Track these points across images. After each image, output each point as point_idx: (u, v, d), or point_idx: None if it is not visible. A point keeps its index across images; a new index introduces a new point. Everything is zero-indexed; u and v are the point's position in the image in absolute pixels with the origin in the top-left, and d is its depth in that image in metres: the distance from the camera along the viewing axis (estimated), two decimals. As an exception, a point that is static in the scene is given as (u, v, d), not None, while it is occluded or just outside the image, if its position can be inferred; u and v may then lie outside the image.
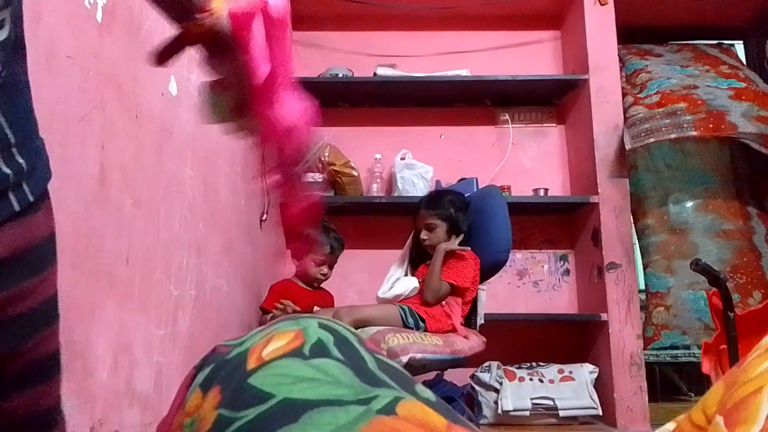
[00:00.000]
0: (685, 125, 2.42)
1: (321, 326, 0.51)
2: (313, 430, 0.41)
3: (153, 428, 1.14)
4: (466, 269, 1.87)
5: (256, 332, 0.51)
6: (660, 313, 2.73)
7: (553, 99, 2.86)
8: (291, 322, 0.51)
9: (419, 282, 1.94)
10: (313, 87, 2.73)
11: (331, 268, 2.18)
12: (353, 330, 0.54)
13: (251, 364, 0.46)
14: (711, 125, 2.39)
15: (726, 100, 2.44)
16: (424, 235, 1.95)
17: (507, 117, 2.84)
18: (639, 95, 2.63)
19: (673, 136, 2.42)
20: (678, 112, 2.43)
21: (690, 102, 2.44)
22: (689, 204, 2.86)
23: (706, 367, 1.37)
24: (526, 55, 2.91)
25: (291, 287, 2.15)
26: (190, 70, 1.43)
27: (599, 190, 2.48)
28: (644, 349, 2.63)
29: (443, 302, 1.86)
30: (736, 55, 3.03)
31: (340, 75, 2.69)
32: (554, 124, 2.88)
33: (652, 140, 2.38)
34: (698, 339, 2.63)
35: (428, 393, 0.49)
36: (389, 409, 0.43)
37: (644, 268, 2.86)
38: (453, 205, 1.96)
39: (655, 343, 2.71)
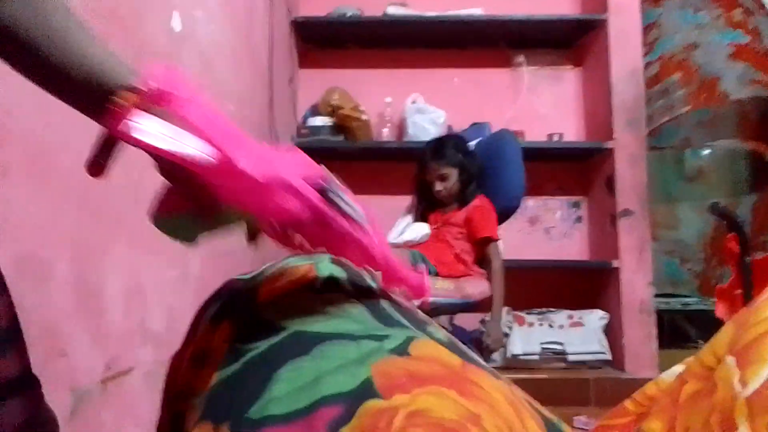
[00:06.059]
0: (676, 104, 2.51)
1: (334, 262, 0.49)
2: (324, 362, 0.40)
3: (166, 366, 1.16)
4: (494, 219, 1.87)
5: (268, 266, 0.50)
6: None
7: (570, 41, 2.75)
8: (304, 257, 0.50)
9: (431, 228, 1.93)
10: (320, 27, 2.66)
11: None
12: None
13: (262, 297, 0.45)
14: (703, 96, 2.47)
15: (722, 62, 2.52)
16: (438, 186, 1.92)
17: (522, 59, 2.75)
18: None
19: (666, 118, 2.52)
20: (670, 89, 2.49)
21: (685, 70, 2.50)
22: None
23: (721, 311, 1.37)
24: (543, -6, 2.79)
25: None
26: (195, 6, 1.38)
27: (615, 136, 2.42)
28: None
29: (457, 249, 1.85)
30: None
31: (349, 14, 2.59)
32: (570, 67, 2.79)
33: (647, 130, 2.46)
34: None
35: (441, 333, 0.48)
36: (402, 350, 0.42)
37: None
38: (458, 149, 1.95)
39: None
